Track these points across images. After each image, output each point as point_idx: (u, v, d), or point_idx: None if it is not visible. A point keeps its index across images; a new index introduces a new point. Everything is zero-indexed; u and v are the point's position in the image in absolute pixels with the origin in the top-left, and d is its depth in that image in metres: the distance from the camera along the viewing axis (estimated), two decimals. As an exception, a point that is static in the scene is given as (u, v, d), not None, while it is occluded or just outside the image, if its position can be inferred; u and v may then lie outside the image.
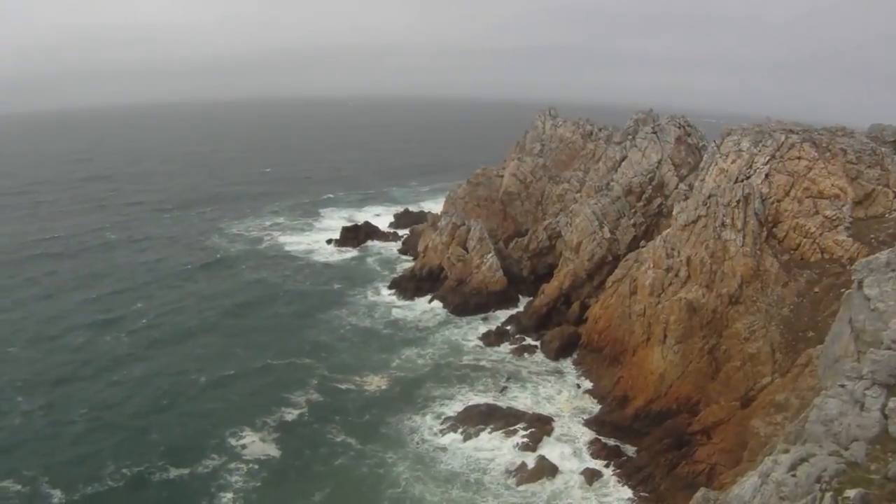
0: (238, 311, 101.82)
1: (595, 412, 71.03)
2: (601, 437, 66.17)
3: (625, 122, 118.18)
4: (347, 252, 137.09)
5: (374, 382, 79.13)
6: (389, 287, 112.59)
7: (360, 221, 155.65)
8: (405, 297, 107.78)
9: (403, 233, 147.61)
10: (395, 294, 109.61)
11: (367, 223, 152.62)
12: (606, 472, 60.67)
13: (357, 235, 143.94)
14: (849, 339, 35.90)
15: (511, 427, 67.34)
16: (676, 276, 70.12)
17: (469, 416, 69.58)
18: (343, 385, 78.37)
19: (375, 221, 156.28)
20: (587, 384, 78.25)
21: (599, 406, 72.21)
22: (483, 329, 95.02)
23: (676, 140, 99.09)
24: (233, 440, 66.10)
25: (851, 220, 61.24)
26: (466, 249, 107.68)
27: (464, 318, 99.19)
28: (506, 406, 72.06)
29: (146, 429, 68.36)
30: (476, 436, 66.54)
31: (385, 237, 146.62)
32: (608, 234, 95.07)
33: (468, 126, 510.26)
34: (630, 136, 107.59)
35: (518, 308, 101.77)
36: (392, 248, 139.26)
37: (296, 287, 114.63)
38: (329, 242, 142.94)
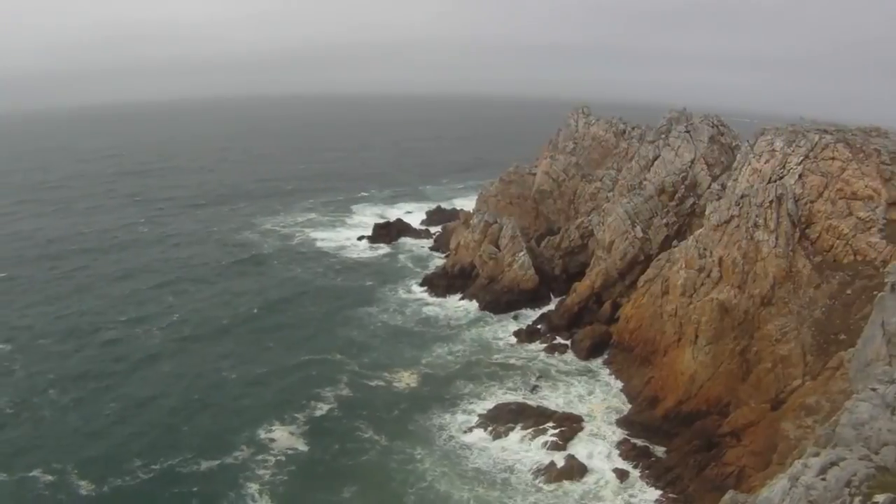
0: (270, 308, 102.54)
1: (625, 412, 70.71)
2: (630, 438, 65.90)
3: (658, 121, 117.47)
4: (379, 249, 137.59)
5: (404, 379, 79.45)
6: (421, 284, 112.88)
7: (392, 218, 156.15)
8: (437, 295, 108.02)
9: (435, 230, 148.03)
10: (427, 291, 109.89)
11: (400, 220, 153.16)
12: (635, 473, 60.45)
13: (389, 232, 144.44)
14: (881, 343, 35.65)
15: (540, 426, 67.23)
16: (708, 277, 69.65)
17: (498, 415, 69.66)
18: (373, 382, 78.76)
19: (407, 218, 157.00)
20: (618, 384, 77.90)
21: (629, 406, 71.86)
22: (514, 327, 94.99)
23: (710, 139, 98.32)
24: (262, 434, 66.79)
25: (885, 222, 60.55)
26: (498, 247, 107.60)
27: (495, 316, 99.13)
28: (536, 405, 71.97)
29: (176, 423, 69.19)
30: (505, 434, 66.57)
31: (417, 234, 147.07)
32: (640, 234, 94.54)
33: (500, 123, 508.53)
34: (663, 135, 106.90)
35: (549, 307, 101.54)
36: (424, 246, 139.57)
37: (327, 283, 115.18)
38: (361, 239, 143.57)
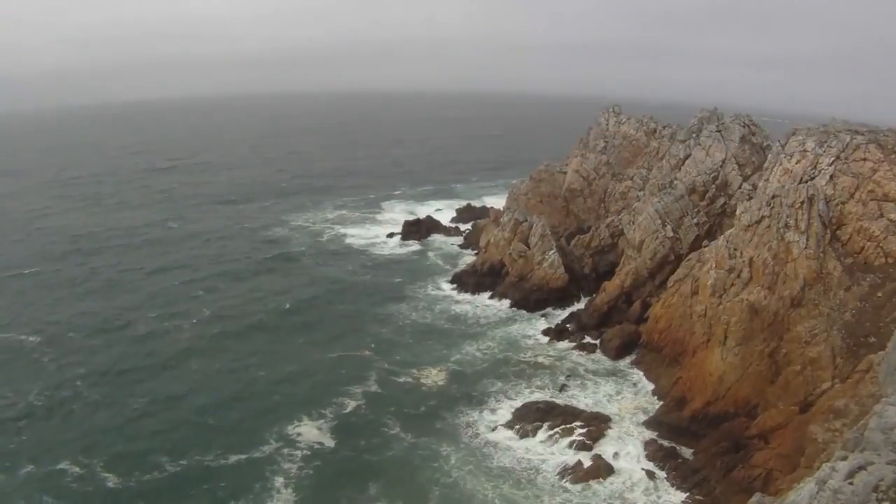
0: (300, 304, 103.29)
1: (653, 413, 70.52)
2: (658, 439, 65.68)
3: (689, 120, 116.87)
4: (409, 246, 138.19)
5: (432, 376, 79.76)
6: (450, 282, 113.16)
7: (422, 215, 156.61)
8: (466, 292, 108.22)
9: (465, 228, 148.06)
10: (456, 289, 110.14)
11: (429, 217, 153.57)
12: (662, 474, 60.30)
13: (419, 229, 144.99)
14: (911, 347, 35.36)
15: (568, 425, 67.07)
16: (738, 277, 69.26)
17: (526, 413, 69.70)
18: (401, 378, 79.18)
19: (437, 216, 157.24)
20: (646, 384, 77.64)
21: (657, 407, 71.64)
22: (543, 326, 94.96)
23: (741, 139, 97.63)
24: (290, 430, 67.49)
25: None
26: (528, 246, 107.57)
27: (524, 315, 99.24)
28: (564, 404, 71.93)
29: (204, 418, 70.03)
30: (532, 433, 66.57)
31: (447, 232, 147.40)
32: (671, 233, 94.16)
33: (530, 121, 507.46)
34: (694, 135, 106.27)
35: (579, 305, 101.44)
36: (453, 243, 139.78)
37: (357, 280, 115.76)
38: (391, 236, 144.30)
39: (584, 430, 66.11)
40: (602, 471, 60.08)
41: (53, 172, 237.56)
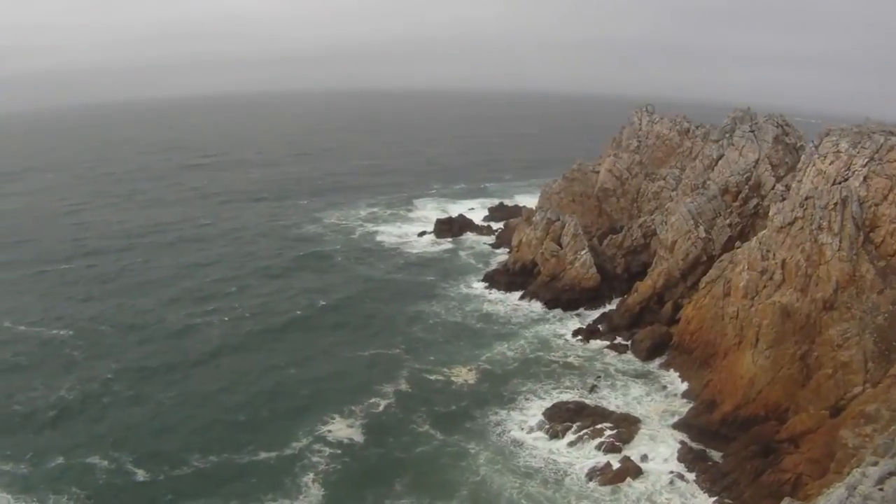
0: (332, 302, 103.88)
1: (683, 415, 70.28)
2: (687, 441, 65.44)
3: (722, 120, 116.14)
4: (441, 244, 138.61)
5: (463, 375, 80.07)
6: (482, 280, 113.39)
7: (455, 214, 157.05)
8: (497, 292, 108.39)
9: (497, 227, 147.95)
10: (488, 288, 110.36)
11: (462, 216, 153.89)
12: (691, 477, 60.09)
13: (451, 228, 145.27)
14: (941, 353, 35.13)
15: (597, 426, 67.02)
16: (771, 279, 68.85)
17: (556, 413, 69.75)
18: (431, 377, 79.64)
19: (470, 214, 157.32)
20: (677, 386, 77.31)
21: (687, 409, 71.33)
22: (574, 326, 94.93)
23: (774, 139, 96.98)
24: (320, 427, 68.11)
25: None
26: (560, 245, 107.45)
27: (555, 314, 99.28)
28: (594, 404, 71.95)
29: (235, 415, 70.75)
30: (562, 433, 66.65)
31: (479, 230, 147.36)
32: (703, 234, 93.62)
33: (563, 120, 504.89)
34: (727, 135, 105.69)
35: (610, 306, 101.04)
36: (485, 242, 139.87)
37: (389, 278, 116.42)
38: (423, 234, 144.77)
39: (614, 432, 65.97)
40: (631, 473, 60.00)
41: (88, 168, 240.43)
